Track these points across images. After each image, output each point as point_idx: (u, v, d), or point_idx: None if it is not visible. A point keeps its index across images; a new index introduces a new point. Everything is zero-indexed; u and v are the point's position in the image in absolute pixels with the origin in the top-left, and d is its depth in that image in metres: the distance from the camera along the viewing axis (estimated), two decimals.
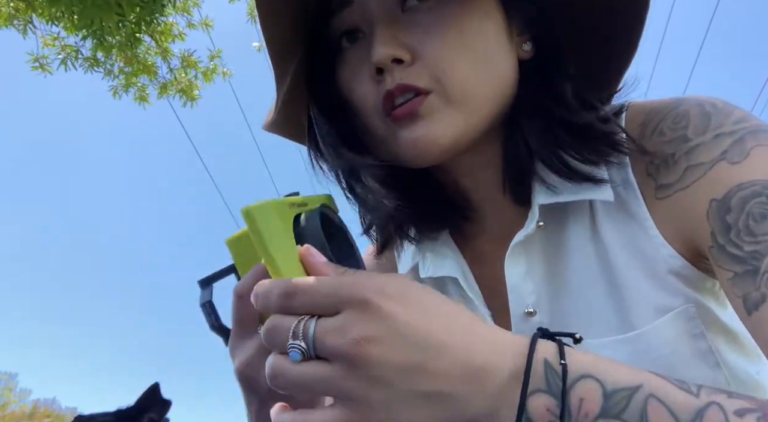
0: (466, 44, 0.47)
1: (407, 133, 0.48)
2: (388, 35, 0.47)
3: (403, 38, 0.47)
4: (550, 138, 0.50)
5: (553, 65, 0.52)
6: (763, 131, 0.45)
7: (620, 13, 0.52)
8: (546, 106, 0.51)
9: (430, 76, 0.47)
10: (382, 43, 0.46)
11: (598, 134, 0.50)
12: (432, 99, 0.47)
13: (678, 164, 0.47)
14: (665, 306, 0.49)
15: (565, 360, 0.33)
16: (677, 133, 0.48)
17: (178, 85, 4.15)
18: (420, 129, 0.47)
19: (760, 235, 0.41)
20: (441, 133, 0.47)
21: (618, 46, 0.54)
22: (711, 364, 0.48)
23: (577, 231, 0.53)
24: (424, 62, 0.47)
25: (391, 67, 0.47)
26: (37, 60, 3.82)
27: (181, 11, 4.00)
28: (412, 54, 0.47)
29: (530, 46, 0.53)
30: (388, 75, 0.47)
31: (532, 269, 0.55)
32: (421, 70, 0.47)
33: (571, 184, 0.51)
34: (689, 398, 0.32)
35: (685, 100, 0.50)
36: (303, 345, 0.32)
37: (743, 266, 0.41)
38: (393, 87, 0.47)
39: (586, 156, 0.50)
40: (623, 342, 0.50)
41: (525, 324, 0.55)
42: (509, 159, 0.54)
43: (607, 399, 0.32)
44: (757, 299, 0.40)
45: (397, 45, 0.46)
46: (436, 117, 0.47)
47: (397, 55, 0.46)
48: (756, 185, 0.42)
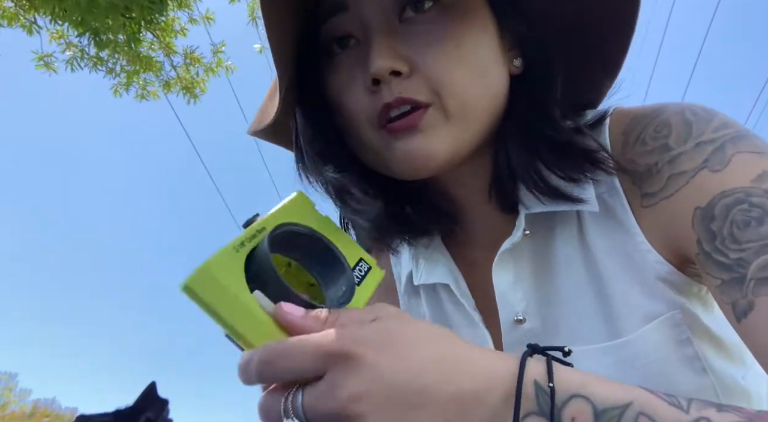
0: (464, 57, 0.47)
1: (403, 145, 0.47)
2: (386, 46, 0.46)
3: (401, 50, 0.46)
4: (533, 155, 0.50)
5: (542, 81, 0.52)
6: (743, 137, 0.45)
7: (609, 24, 0.52)
8: (531, 123, 0.51)
9: (429, 89, 0.46)
10: (381, 55, 0.45)
11: (580, 152, 0.50)
12: (431, 113, 0.47)
13: (661, 173, 0.47)
14: (652, 312, 0.49)
15: (553, 383, 0.33)
16: (659, 142, 0.48)
17: (181, 82, 4.14)
18: (417, 142, 0.47)
19: (744, 243, 0.41)
20: (437, 148, 0.47)
21: (607, 56, 0.55)
22: (697, 370, 0.49)
23: (565, 238, 0.54)
24: (422, 75, 0.46)
25: (389, 79, 0.46)
26: (42, 58, 3.81)
27: (182, 7, 3.99)
28: (411, 66, 0.46)
29: (520, 61, 0.53)
30: (385, 87, 0.46)
31: (521, 277, 0.55)
32: (420, 82, 0.46)
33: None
34: (679, 414, 0.32)
35: (667, 108, 0.50)
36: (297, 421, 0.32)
37: (730, 273, 0.41)
38: (391, 100, 0.46)
39: (569, 173, 0.50)
40: (610, 350, 0.50)
41: (515, 331, 0.55)
42: (498, 171, 0.54)
43: (597, 418, 0.32)
44: (745, 306, 0.40)
45: (396, 57, 0.46)
46: (435, 132, 0.47)
47: (396, 68, 0.45)
48: (738, 192, 0.42)
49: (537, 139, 0.51)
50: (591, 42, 0.53)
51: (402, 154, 0.47)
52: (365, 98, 0.48)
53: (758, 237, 0.40)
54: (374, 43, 0.46)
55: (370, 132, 0.49)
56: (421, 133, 0.47)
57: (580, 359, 0.52)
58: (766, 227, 0.40)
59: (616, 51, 0.54)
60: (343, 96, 0.49)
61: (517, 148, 0.51)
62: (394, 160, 0.48)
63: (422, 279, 0.61)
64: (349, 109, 0.49)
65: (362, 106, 0.48)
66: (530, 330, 0.55)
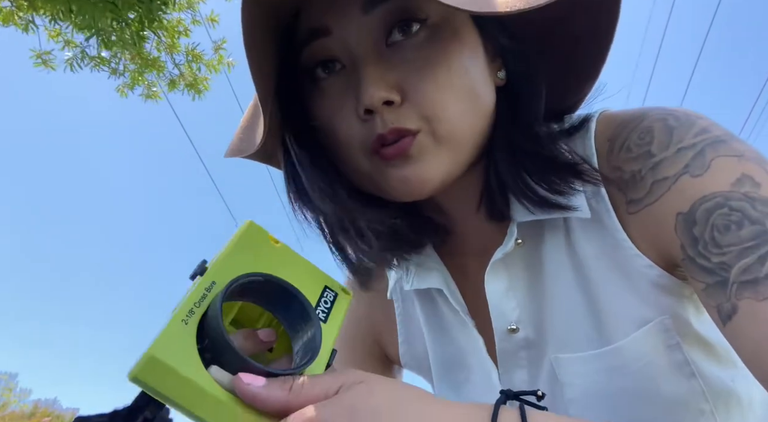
0: (454, 82, 0.46)
1: (397, 171, 0.46)
2: (377, 75, 0.44)
3: (391, 77, 0.45)
4: (520, 168, 0.50)
5: (526, 91, 0.52)
6: (723, 141, 0.45)
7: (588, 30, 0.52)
8: (516, 138, 0.51)
9: (420, 116, 0.45)
10: (373, 85, 0.44)
11: (564, 166, 0.50)
12: (421, 139, 0.46)
13: (645, 180, 0.47)
14: (642, 318, 0.49)
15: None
16: (642, 149, 0.48)
17: (185, 80, 4.14)
18: (410, 169, 0.46)
19: (725, 246, 0.41)
20: (431, 172, 0.47)
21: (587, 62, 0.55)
22: (687, 375, 0.49)
23: (554, 246, 0.54)
24: (413, 103, 0.45)
25: (381, 109, 0.45)
26: (40, 56, 3.79)
27: (186, 8, 4.01)
28: (402, 94, 0.45)
29: (504, 73, 0.52)
30: (378, 116, 0.45)
31: (514, 286, 0.55)
32: (411, 110, 0.45)
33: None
34: None
35: (649, 114, 0.50)
36: None
37: (713, 277, 0.42)
38: (385, 131, 0.45)
39: (555, 187, 0.50)
40: (600, 357, 0.51)
41: (508, 341, 0.56)
42: (487, 184, 0.54)
43: None
44: (729, 310, 0.41)
45: (388, 86, 0.45)
46: (426, 157, 0.46)
47: (388, 98, 0.44)
48: (717, 197, 0.43)
49: (522, 154, 0.50)
50: (570, 49, 0.53)
51: (396, 180, 0.47)
52: (357, 126, 0.47)
53: (739, 241, 0.41)
54: (364, 71, 0.45)
55: (363, 159, 0.48)
56: (413, 158, 0.46)
57: (570, 366, 0.53)
58: (745, 230, 0.41)
59: (596, 56, 0.54)
60: (334, 123, 0.48)
61: (504, 162, 0.51)
62: (389, 186, 0.48)
63: (414, 284, 0.61)
64: (341, 136, 0.48)
65: (354, 134, 0.47)
66: (524, 339, 0.55)
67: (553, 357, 0.54)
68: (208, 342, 0.33)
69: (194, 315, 0.33)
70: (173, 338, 0.32)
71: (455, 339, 0.61)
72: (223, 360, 0.33)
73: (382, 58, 0.46)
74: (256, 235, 0.40)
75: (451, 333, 0.62)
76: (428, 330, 0.64)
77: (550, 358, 0.54)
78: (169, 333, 0.32)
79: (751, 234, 0.40)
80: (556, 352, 0.54)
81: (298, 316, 0.38)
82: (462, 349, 0.61)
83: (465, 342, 0.60)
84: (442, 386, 0.65)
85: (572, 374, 0.52)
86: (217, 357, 0.33)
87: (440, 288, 0.58)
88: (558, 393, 0.54)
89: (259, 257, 0.39)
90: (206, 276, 0.35)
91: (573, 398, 0.52)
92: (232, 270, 0.36)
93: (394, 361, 0.72)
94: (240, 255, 0.38)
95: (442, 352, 0.64)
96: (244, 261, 0.37)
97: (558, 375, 0.53)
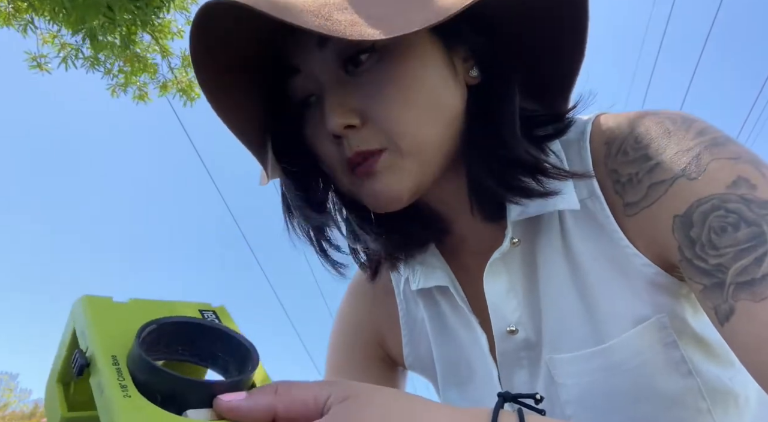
0: (409, 98, 0.48)
1: (368, 187, 0.50)
2: (336, 103, 0.48)
3: (351, 103, 0.48)
4: (495, 170, 0.51)
5: (500, 86, 0.52)
6: (719, 144, 0.46)
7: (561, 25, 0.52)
8: (485, 143, 0.51)
9: (382, 135, 0.48)
10: (333, 113, 0.47)
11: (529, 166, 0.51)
12: (386, 156, 0.48)
13: (642, 183, 0.48)
14: (638, 316, 0.50)
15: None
16: (639, 153, 0.49)
17: (178, 85, 4.13)
18: (378, 184, 0.49)
19: (722, 248, 0.42)
20: (399, 186, 0.49)
21: (563, 55, 0.55)
22: (683, 373, 0.49)
23: (550, 246, 0.54)
24: (374, 123, 0.48)
25: (346, 133, 0.48)
26: (35, 59, 3.80)
27: (179, 9, 3.99)
28: (362, 118, 0.48)
29: (477, 71, 0.53)
30: (345, 140, 0.49)
31: (514, 286, 0.55)
32: (373, 132, 0.48)
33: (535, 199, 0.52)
34: None
35: (647, 118, 0.50)
36: None
37: (710, 279, 0.42)
38: (351, 155, 0.48)
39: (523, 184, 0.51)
40: (596, 355, 0.51)
41: (507, 342, 0.56)
42: (472, 187, 0.55)
43: None
44: (726, 311, 0.41)
45: (347, 112, 0.48)
46: (392, 172, 0.49)
47: (347, 123, 0.47)
48: (714, 199, 0.43)
49: (492, 160, 0.51)
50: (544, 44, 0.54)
51: (368, 195, 0.50)
52: (333, 149, 0.50)
53: (735, 243, 0.41)
54: (326, 101, 0.48)
55: (344, 177, 0.51)
56: (380, 174, 0.49)
57: (565, 367, 0.53)
58: (742, 232, 0.41)
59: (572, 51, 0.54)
60: (317, 148, 0.52)
61: (478, 166, 0.52)
62: (365, 200, 0.51)
63: (420, 283, 0.62)
64: (324, 159, 0.52)
65: (332, 157, 0.51)
66: (523, 340, 0.55)
67: (548, 357, 0.54)
68: (160, 396, 0.31)
69: (126, 386, 0.31)
70: (131, 412, 0.29)
71: (458, 338, 0.62)
72: (189, 400, 0.31)
73: (342, 85, 0.49)
74: (103, 307, 0.36)
75: (454, 333, 0.62)
76: (432, 331, 0.65)
77: (545, 359, 0.54)
78: (124, 410, 0.29)
79: (747, 236, 0.41)
80: (551, 353, 0.54)
81: (211, 341, 0.37)
82: (465, 349, 0.61)
83: (468, 341, 0.61)
84: (446, 386, 0.65)
85: (567, 374, 0.53)
86: (180, 402, 0.31)
87: (446, 285, 0.59)
88: (554, 394, 0.54)
89: (127, 316, 0.36)
90: (102, 355, 0.32)
91: (569, 399, 0.53)
92: (116, 336, 0.33)
93: (399, 363, 0.72)
94: (108, 323, 0.35)
95: (445, 352, 0.64)
96: (118, 324, 0.35)
97: (553, 375, 0.54)
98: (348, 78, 0.49)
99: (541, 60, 0.55)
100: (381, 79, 0.48)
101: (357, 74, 0.49)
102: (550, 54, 0.55)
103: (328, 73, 0.49)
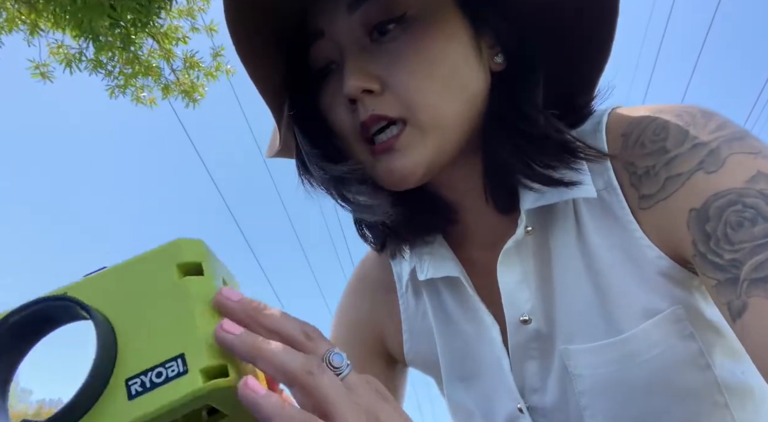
0: (432, 71, 0.48)
1: (384, 164, 0.50)
2: (357, 67, 0.48)
3: (372, 69, 0.49)
4: (517, 150, 0.51)
5: (525, 75, 0.53)
6: (738, 139, 0.45)
7: (591, 18, 0.52)
8: (510, 119, 0.51)
9: (401, 104, 0.48)
10: (352, 75, 0.48)
11: (556, 143, 0.50)
12: (408, 131, 0.49)
13: (659, 175, 0.48)
14: (653, 308, 0.49)
15: None
16: (657, 145, 0.48)
17: (180, 87, 4.10)
18: (395, 161, 0.49)
19: (737, 243, 0.41)
20: (415, 164, 0.49)
21: (591, 49, 0.54)
22: (702, 366, 0.49)
23: (563, 235, 0.54)
24: (393, 91, 0.48)
25: (362, 98, 0.48)
26: (38, 67, 3.77)
27: (185, 15, 3.97)
28: (381, 84, 0.48)
29: (502, 58, 0.53)
30: (360, 105, 0.49)
31: (527, 276, 0.55)
32: (392, 99, 0.48)
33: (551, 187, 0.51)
34: None
35: (665, 111, 0.50)
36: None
37: (724, 274, 0.42)
38: (366, 118, 0.48)
39: (548, 163, 0.51)
40: (609, 347, 0.51)
41: (520, 332, 0.55)
42: (489, 170, 0.55)
43: None
44: (739, 307, 0.40)
45: (367, 76, 0.48)
46: (411, 150, 0.49)
47: (366, 87, 0.48)
48: (731, 193, 0.42)
49: (516, 135, 0.51)
50: (574, 29, 0.53)
51: (383, 171, 0.50)
52: (347, 117, 0.51)
53: (751, 238, 0.40)
54: (347, 64, 0.49)
55: (357, 146, 0.51)
56: (399, 152, 0.49)
57: (580, 358, 0.53)
58: (759, 227, 0.40)
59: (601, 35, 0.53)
60: (330, 116, 0.52)
61: (501, 145, 0.52)
62: (377, 176, 0.51)
63: (429, 274, 0.61)
64: (337, 127, 0.52)
65: (346, 124, 0.51)
66: (535, 331, 0.55)
67: (563, 348, 0.53)
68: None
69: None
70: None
71: (463, 332, 0.61)
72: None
73: (365, 52, 0.49)
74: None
75: (459, 326, 0.62)
76: (436, 324, 0.64)
77: (560, 350, 0.54)
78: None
79: (764, 232, 0.40)
80: (565, 343, 0.53)
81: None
82: (470, 342, 0.61)
83: (474, 334, 0.60)
84: (450, 379, 0.64)
85: (582, 365, 0.52)
86: None
87: (457, 276, 0.58)
88: (569, 385, 0.54)
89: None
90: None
91: (584, 390, 0.52)
92: None
93: (399, 360, 0.71)
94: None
95: (450, 345, 0.63)
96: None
97: (568, 366, 0.53)
98: (372, 45, 0.50)
99: (569, 52, 0.55)
100: (406, 48, 0.48)
101: (382, 42, 0.49)
102: (578, 49, 0.54)
103: (353, 37, 0.50)
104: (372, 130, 0.49)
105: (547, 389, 0.56)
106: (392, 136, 0.49)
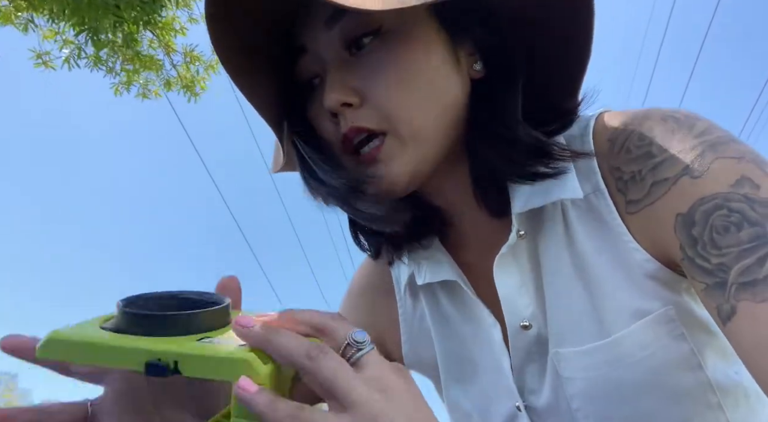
0: (410, 82, 0.49)
1: (370, 173, 0.51)
2: (336, 80, 0.49)
3: (352, 82, 0.49)
4: (502, 154, 0.51)
5: (504, 81, 0.53)
6: (723, 143, 0.46)
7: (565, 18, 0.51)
8: (491, 126, 0.52)
9: (380, 117, 0.49)
10: (331, 89, 0.49)
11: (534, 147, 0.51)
12: (389, 143, 0.49)
13: (645, 180, 0.48)
14: (643, 310, 0.49)
15: None
16: (642, 150, 0.48)
17: (182, 81, 4.13)
18: (378, 171, 0.50)
19: (724, 248, 0.42)
20: (398, 173, 0.50)
21: (569, 52, 0.54)
22: (694, 366, 0.49)
23: (553, 239, 0.54)
24: (371, 104, 0.49)
25: (342, 111, 0.49)
26: (40, 56, 3.80)
27: (182, 6, 3.98)
28: (361, 97, 0.49)
29: (481, 65, 0.54)
30: (341, 118, 0.50)
31: (526, 281, 0.55)
32: (371, 111, 0.49)
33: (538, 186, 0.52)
34: None
35: (650, 116, 0.50)
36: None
37: (712, 278, 0.42)
38: (347, 130, 0.49)
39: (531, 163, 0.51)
40: (600, 349, 0.51)
41: (521, 337, 0.56)
42: (476, 176, 0.55)
43: None
44: (728, 311, 0.41)
45: (345, 89, 0.49)
46: (393, 160, 0.50)
47: (345, 100, 0.49)
48: (717, 198, 0.43)
49: (499, 142, 0.52)
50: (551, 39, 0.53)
51: (370, 181, 0.51)
52: (331, 128, 0.52)
53: (737, 243, 0.41)
54: (327, 78, 0.50)
55: (343, 156, 0.52)
56: (381, 162, 0.50)
57: (570, 361, 0.53)
58: (744, 232, 0.41)
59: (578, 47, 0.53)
60: (317, 127, 0.54)
61: (484, 151, 0.52)
62: (367, 186, 0.51)
63: (427, 278, 0.61)
64: (324, 138, 0.53)
65: (331, 136, 0.52)
66: (535, 336, 0.55)
67: (553, 352, 0.54)
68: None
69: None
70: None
71: (460, 335, 0.62)
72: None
73: (345, 65, 0.50)
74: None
75: (457, 329, 0.62)
76: (434, 327, 0.65)
77: (551, 353, 0.54)
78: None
79: (750, 236, 0.41)
80: (555, 347, 0.54)
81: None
82: (467, 345, 0.61)
83: (472, 337, 0.61)
84: (449, 382, 0.65)
85: (573, 368, 0.53)
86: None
87: (455, 279, 0.59)
88: (560, 387, 0.54)
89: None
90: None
91: (574, 393, 0.53)
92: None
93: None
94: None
95: (448, 348, 0.64)
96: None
97: (558, 369, 0.53)
98: (352, 59, 0.50)
99: (548, 58, 0.55)
100: (383, 61, 0.49)
101: (360, 56, 0.50)
102: (556, 52, 0.54)
103: (333, 53, 0.51)
104: (354, 141, 0.50)
105: (542, 391, 0.56)
106: (374, 148, 0.50)
